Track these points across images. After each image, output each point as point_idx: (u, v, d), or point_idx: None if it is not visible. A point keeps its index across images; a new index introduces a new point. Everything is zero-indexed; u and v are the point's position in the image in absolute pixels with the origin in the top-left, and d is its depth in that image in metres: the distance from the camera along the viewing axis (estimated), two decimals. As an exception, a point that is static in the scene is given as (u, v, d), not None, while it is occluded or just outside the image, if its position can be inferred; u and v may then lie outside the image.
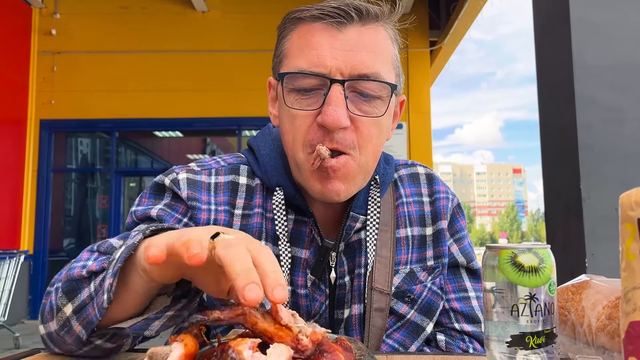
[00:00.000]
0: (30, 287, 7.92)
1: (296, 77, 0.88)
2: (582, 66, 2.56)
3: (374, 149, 0.91)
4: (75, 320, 0.74)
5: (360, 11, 0.89)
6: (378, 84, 0.88)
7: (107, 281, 0.66)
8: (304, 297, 0.96)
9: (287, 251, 0.95)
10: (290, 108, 0.89)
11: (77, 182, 9.32)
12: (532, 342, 0.64)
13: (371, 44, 0.89)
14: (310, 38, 0.89)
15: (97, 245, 0.82)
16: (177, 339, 0.51)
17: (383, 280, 0.97)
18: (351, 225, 0.97)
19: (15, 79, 7.86)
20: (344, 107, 0.85)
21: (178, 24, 8.35)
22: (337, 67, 0.86)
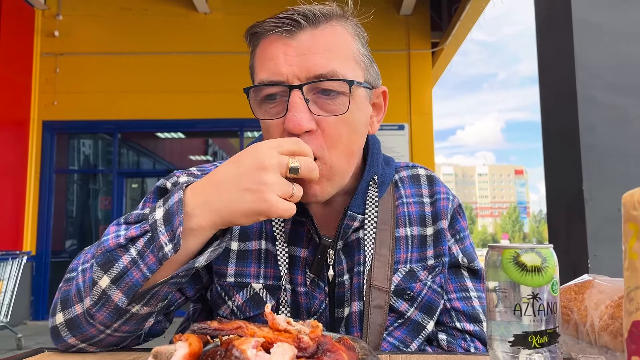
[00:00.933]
0: (32, 288, 7.93)
1: (259, 89, 0.92)
2: (584, 67, 2.56)
3: (345, 149, 0.92)
4: (115, 288, 0.80)
5: (307, 16, 0.91)
6: (336, 82, 0.89)
7: (164, 236, 0.78)
8: (304, 294, 0.98)
9: (285, 250, 0.98)
10: (262, 120, 0.93)
11: (80, 183, 9.34)
12: (535, 342, 0.64)
13: (324, 45, 0.91)
14: (267, 50, 0.93)
15: (123, 218, 0.88)
16: (182, 338, 0.52)
17: (382, 278, 0.98)
18: (348, 224, 0.99)
19: (18, 80, 7.88)
20: (305, 111, 0.87)
21: (180, 26, 8.36)
22: (293, 73, 0.89)
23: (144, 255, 0.79)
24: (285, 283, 0.97)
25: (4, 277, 5.83)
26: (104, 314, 0.81)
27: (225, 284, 0.98)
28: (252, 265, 0.99)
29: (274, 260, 0.99)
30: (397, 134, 8.18)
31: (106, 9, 8.37)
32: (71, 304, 0.83)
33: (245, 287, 0.97)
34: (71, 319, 0.83)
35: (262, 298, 0.97)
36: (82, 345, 0.85)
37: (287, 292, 0.97)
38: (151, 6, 8.40)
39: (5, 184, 7.56)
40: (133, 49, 8.28)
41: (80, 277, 0.84)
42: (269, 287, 0.97)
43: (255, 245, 1.00)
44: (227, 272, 0.98)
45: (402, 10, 8.34)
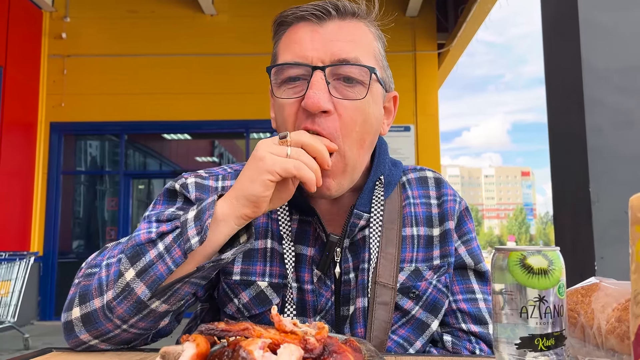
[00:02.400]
0: (39, 289, 7.97)
1: (282, 69, 0.95)
2: (591, 69, 2.55)
3: (359, 137, 0.94)
4: (139, 281, 0.83)
5: (338, 7, 0.96)
6: (358, 68, 0.93)
7: (193, 230, 0.83)
8: (311, 292, 0.99)
9: (291, 249, 1.00)
10: (279, 98, 0.96)
11: (86, 185, 9.38)
12: (541, 344, 0.64)
13: (350, 35, 0.96)
14: (294, 35, 0.97)
15: (155, 216, 0.94)
16: (189, 339, 0.52)
17: (388, 276, 0.99)
18: (355, 222, 1.01)
19: (26, 82, 7.94)
20: (325, 91, 0.90)
21: (187, 28, 8.40)
22: (318, 56, 0.92)
23: (171, 250, 0.83)
24: (292, 281, 0.98)
25: (11, 278, 5.86)
26: (124, 307, 0.83)
27: (231, 282, 1.00)
28: (258, 264, 1.00)
29: (280, 259, 1.00)
30: (402, 135, 8.18)
31: (113, 11, 8.42)
32: (90, 298, 0.86)
33: (250, 285, 0.99)
34: (88, 314, 0.85)
35: (267, 296, 0.99)
36: (94, 341, 0.87)
37: (293, 290, 0.98)
38: (158, 8, 8.44)
39: (13, 185, 7.61)
40: (140, 50, 8.31)
41: (104, 271, 0.87)
42: (274, 285, 0.99)
43: (262, 244, 1.02)
44: (233, 270, 1.00)
45: (408, 12, 8.34)
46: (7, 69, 7.43)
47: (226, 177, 1.08)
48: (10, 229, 7.56)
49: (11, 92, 7.52)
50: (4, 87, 7.37)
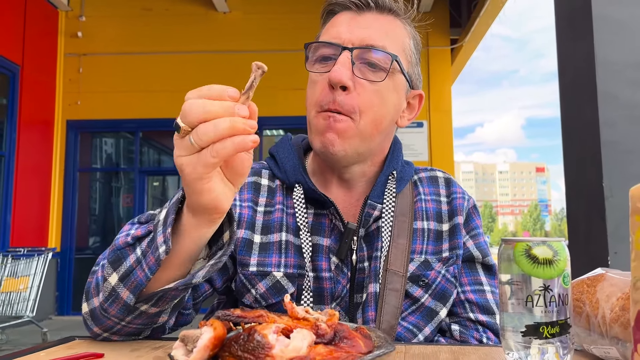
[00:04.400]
0: (57, 284, 8.10)
1: (316, 46, 1.05)
2: (604, 63, 2.54)
3: (374, 117, 1.01)
4: (122, 286, 0.81)
5: (377, 2, 1.05)
6: (381, 54, 1.01)
7: (160, 237, 0.76)
8: (329, 280, 1.03)
9: (308, 240, 1.04)
10: (311, 72, 1.05)
11: (102, 182, 9.50)
12: (546, 332, 0.66)
13: (384, 28, 1.04)
14: (335, 21, 1.07)
15: (137, 218, 0.92)
16: (207, 324, 0.55)
17: (399, 264, 1.04)
18: (369, 212, 1.06)
19: (43, 80, 8.05)
20: (348, 69, 0.98)
21: (200, 25, 8.45)
22: (349, 39, 1.01)
23: (146, 256, 0.79)
24: (309, 271, 1.02)
25: (30, 273, 5.96)
26: (115, 309, 0.83)
27: (248, 273, 1.03)
28: (274, 256, 1.04)
29: (294, 250, 1.04)
30: (415, 131, 8.16)
31: (128, 9, 8.50)
32: (91, 296, 0.87)
33: (267, 275, 1.03)
34: (92, 310, 0.87)
35: (283, 286, 1.02)
36: (105, 334, 0.89)
37: (310, 279, 1.02)
38: (171, 6, 8.50)
39: (32, 182, 7.74)
40: (154, 48, 8.39)
41: (100, 272, 0.87)
42: (290, 275, 1.03)
43: (277, 237, 1.06)
44: (250, 262, 1.04)
45: (421, 7, 8.31)
46: (24, 68, 7.54)
47: None
48: (28, 226, 7.69)
49: (28, 91, 7.64)
50: (21, 86, 7.49)
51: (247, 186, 1.10)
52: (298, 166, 1.09)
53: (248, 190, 1.09)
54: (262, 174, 1.13)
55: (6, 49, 7.21)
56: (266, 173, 1.13)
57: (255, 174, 1.12)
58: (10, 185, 7.27)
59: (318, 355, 0.54)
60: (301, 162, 1.10)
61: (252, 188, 1.10)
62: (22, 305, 5.85)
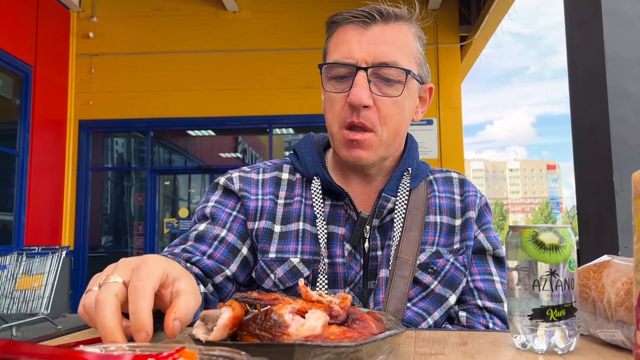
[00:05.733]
0: (71, 282, 8.20)
1: (331, 67, 1.10)
2: (614, 58, 2.54)
3: (394, 125, 1.09)
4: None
5: (382, 13, 1.09)
6: (395, 70, 1.06)
7: None
8: (342, 265, 1.11)
9: (324, 229, 1.12)
10: (328, 92, 1.10)
11: (114, 181, 9.59)
12: (552, 315, 0.68)
13: (391, 39, 1.08)
14: (343, 36, 1.10)
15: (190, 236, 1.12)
16: (226, 304, 0.58)
17: (409, 253, 1.10)
18: (383, 204, 1.13)
19: (55, 81, 8.15)
20: (366, 89, 1.04)
21: (210, 25, 8.50)
22: (363, 57, 1.06)
23: None
24: (325, 257, 1.09)
25: (44, 271, 6.04)
26: None
27: (268, 259, 1.12)
28: (292, 243, 1.13)
29: (311, 238, 1.13)
30: (425, 129, 8.15)
31: (138, 10, 8.57)
32: None
33: (285, 261, 1.11)
34: None
35: (299, 270, 1.10)
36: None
37: (325, 264, 1.09)
38: (181, 6, 8.56)
39: (45, 182, 7.83)
40: (164, 48, 8.46)
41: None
42: (305, 260, 1.11)
43: (295, 226, 1.14)
44: (270, 249, 1.12)
45: (430, 5, 8.30)
46: (37, 69, 7.63)
47: (266, 170, 1.22)
48: (42, 224, 7.78)
49: (41, 92, 7.73)
50: (34, 86, 7.58)
51: (268, 181, 1.20)
52: (317, 160, 1.18)
53: (270, 185, 1.19)
54: (284, 169, 1.22)
55: (19, 50, 7.31)
56: (287, 167, 1.23)
57: (277, 169, 1.22)
58: (24, 184, 7.37)
59: (332, 334, 0.57)
60: (320, 157, 1.19)
61: (273, 182, 1.19)
62: (37, 302, 5.93)
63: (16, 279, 5.83)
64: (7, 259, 5.93)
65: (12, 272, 5.89)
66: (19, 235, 7.26)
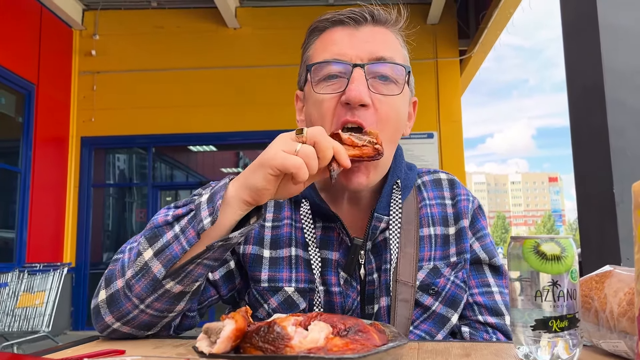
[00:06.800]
0: (72, 299, 8.16)
1: (322, 66, 1.02)
2: (612, 70, 2.56)
3: (392, 133, 1.02)
4: (156, 260, 0.88)
5: (373, 14, 1.05)
6: (393, 66, 1.01)
7: (205, 212, 0.86)
8: (338, 294, 1.04)
9: (317, 255, 1.05)
10: (317, 94, 1.01)
11: (116, 197, 9.60)
12: (555, 326, 0.68)
13: (384, 39, 1.04)
14: (331, 38, 1.04)
15: (174, 203, 0.99)
16: (228, 316, 0.58)
17: (408, 274, 1.05)
18: (376, 225, 1.07)
19: (58, 98, 8.20)
20: (365, 86, 0.97)
21: (211, 41, 8.57)
22: (357, 54, 1.00)
23: (186, 231, 0.87)
24: (319, 285, 1.03)
25: (45, 288, 6.01)
26: (141, 285, 0.88)
27: (260, 288, 1.06)
28: (284, 271, 1.06)
29: (305, 265, 1.06)
30: (426, 142, 8.17)
31: (140, 28, 8.65)
32: (114, 279, 0.92)
33: (278, 291, 1.04)
34: (112, 295, 0.91)
35: (294, 300, 1.04)
36: (117, 324, 0.92)
37: (320, 293, 1.03)
38: (183, 23, 8.64)
39: (47, 198, 7.84)
40: (166, 65, 8.52)
41: (127, 254, 0.93)
42: (301, 290, 1.04)
43: (286, 252, 1.07)
44: (261, 277, 1.06)
45: (429, 20, 8.37)
46: (39, 87, 7.68)
47: None
48: (44, 241, 7.78)
49: (44, 109, 7.77)
50: (36, 104, 7.62)
51: None
52: None
53: None
54: None
55: (22, 68, 7.36)
56: None
57: None
58: (26, 201, 7.38)
59: (335, 346, 0.57)
60: None
61: None
62: (38, 320, 5.90)
63: (18, 297, 5.81)
64: (8, 276, 5.91)
65: (13, 289, 5.87)
66: (21, 252, 7.25)
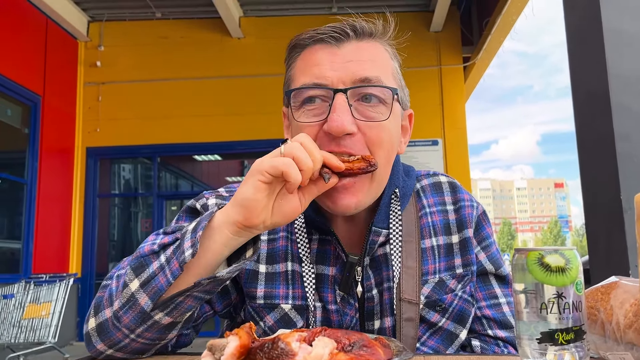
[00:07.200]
0: (78, 310, 8.16)
1: (301, 92, 0.94)
2: (617, 75, 2.55)
3: (384, 155, 0.94)
4: (142, 292, 0.84)
5: (355, 28, 0.96)
6: (379, 88, 0.93)
7: (188, 242, 0.82)
8: (335, 312, 1.00)
9: (311, 271, 1.01)
10: (298, 122, 0.94)
11: (121, 207, 9.62)
12: (561, 339, 0.67)
13: (369, 55, 0.95)
14: (312, 57, 0.96)
15: (163, 229, 0.94)
16: (232, 333, 0.58)
17: (411, 291, 0.99)
18: (374, 240, 1.01)
19: (63, 110, 8.25)
20: (348, 114, 0.89)
21: (215, 51, 8.62)
22: (339, 77, 0.92)
23: (170, 261, 0.83)
24: (313, 302, 0.99)
25: (51, 299, 6.02)
26: (129, 316, 0.84)
27: (256, 305, 1.02)
28: (281, 287, 1.01)
29: (302, 281, 1.01)
30: (431, 150, 8.16)
31: (144, 38, 8.71)
32: (102, 309, 0.88)
33: (274, 308, 1.01)
34: (101, 324, 0.88)
35: (291, 318, 1.00)
36: (109, 351, 0.89)
37: (317, 311, 0.99)
38: (187, 34, 8.69)
39: (53, 209, 7.87)
40: (170, 75, 8.56)
41: (115, 282, 0.89)
42: (298, 307, 1.00)
43: (283, 267, 1.03)
44: (257, 294, 1.02)
45: (432, 27, 8.39)
46: (45, 98, 7.73)
47: None
48: (50, 252, 7.79)
49: (49, 120, 7.82)
50: (42, 115, 7.67)
51: None
52: None
53: None
54: None
55: (28, 80, 7.41)
56: None
57: None
58: (33, 212, 7.40)
59: (339, 362, 0.57)
60: None
61: None
62: (45, 331, 5.90)
63: (24, 308, 5.81)
64: (15, 287, 5.93)
65: (19, 300, 5.88)
66: (27, 263, 7.27)
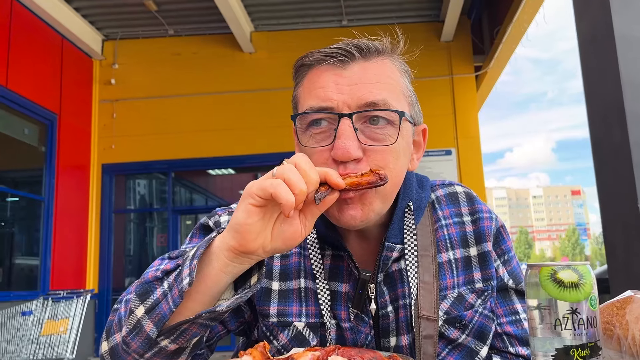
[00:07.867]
0: (95, 326, 8.21)
1: (307, 116, 0.93)
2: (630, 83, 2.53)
3: (393, 176, 0.92)
4: (147, 319, 0.83)
5: (361, 48, 0.93)
6: (386, 112, 0.91)
7: (186, 270, 0.80)
8: (349, 330, 0.98)
9: (325, 287, 0.99)
10: (305, 147, 0.93)
11: (137, 222, 9.69)
12: (576, 355, 0.67)
13: (375, 76, 0.93)
14: (317, 79, 0.94)
15: (168, 253, 0.93)
16: (246, 353, 0.58)
17: (429, 307, 0.96)
18: (387, 256, 0.99)
19: (79, 127, 8.37)
20: (353, 139, 0.88)
21: (227, 66, 8.70)
22: (344, 101, 0.90)
23: (172, 289, 0.82)
24: (329, 319, 0.97)
25: (69, 315, 6.05)
26: (137, 342, 0.84)
27: (269, 324, 1.00)
28: (294, 304, 1.00)
29: (315, 298, 0.99)
30: (444, 160, 8.13)
31: (158, 55, 8.83)
32: (113, 333, 0.88)
33: (288, 326, 0.99)
34: (112, 348, 0.88)
35: (305, 337, 0.98)
36: None
37: (330, 329, 0.97)
38: (199, 49, 8.80)
39: (70, 225, 7.95)
40: (184, 91, 8.66)
41: (123, 307, 0.89)
42: (312, 325, 0.99)
43: (296, 284, 1.01)
44: (270, 312, 1.00)
45: (443, 37, 8.40)
46: (61, 116, 7.86)
47: None
48: (67, 268, 7.87)
49: (65, 138, 7.94)
50: (59, 133, 7.79)
51: None
52: None
53: None
54: None
55: (44, 99, 7.54)
56: None
57: None
58: (50, 229, 7.49)
59: (352, 381, 0.57)
60: None
61: None
62: (63, 347, 5.92)
63: (42, 324, 5.86)
64: (33, 304, 5.98)
65: (38, 317, 5.93)
66: (45, 279, 7.34)
